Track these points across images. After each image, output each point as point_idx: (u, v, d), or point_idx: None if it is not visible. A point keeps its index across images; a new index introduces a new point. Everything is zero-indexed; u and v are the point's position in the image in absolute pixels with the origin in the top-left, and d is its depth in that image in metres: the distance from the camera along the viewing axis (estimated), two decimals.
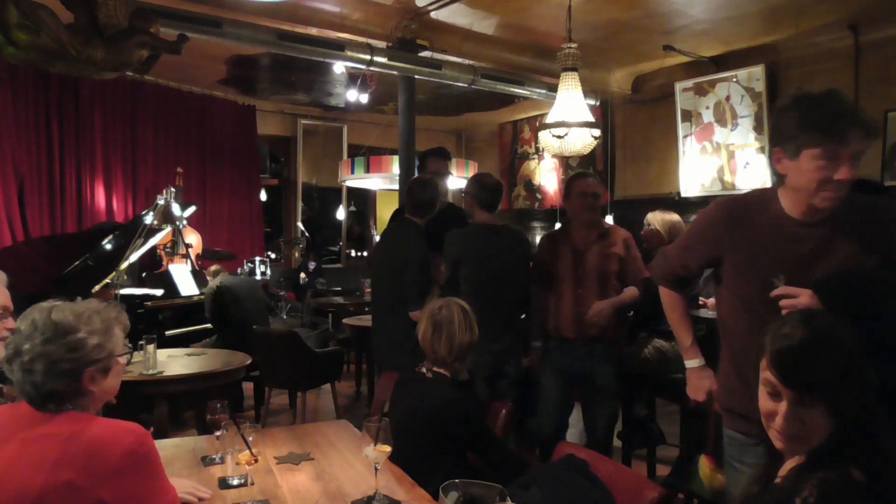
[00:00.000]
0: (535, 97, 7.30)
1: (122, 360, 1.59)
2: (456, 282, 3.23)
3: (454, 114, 9.09)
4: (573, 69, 4.87)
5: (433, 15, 5.49)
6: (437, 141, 9.97)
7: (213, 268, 5.46)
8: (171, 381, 3.32)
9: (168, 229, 5.65)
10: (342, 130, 9.45)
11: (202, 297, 5.50)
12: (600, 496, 1.76)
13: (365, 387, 5.65)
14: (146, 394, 3.31)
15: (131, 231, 5.13)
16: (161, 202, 5.36)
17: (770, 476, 1.23)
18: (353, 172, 7.69)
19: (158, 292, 5.23)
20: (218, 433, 1.96)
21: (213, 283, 5.14)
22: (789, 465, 1.19)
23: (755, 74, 6.23)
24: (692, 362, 2.18)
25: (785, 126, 1.70)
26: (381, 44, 5.73)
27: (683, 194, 7.01)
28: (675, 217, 3.89)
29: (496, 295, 3.19)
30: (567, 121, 4.79)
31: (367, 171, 7.47)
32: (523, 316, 3.49)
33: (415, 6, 5.37)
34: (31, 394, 1.43)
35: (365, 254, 9.93)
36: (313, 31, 5.49)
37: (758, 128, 6.28)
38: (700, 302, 3.65)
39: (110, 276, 4.74)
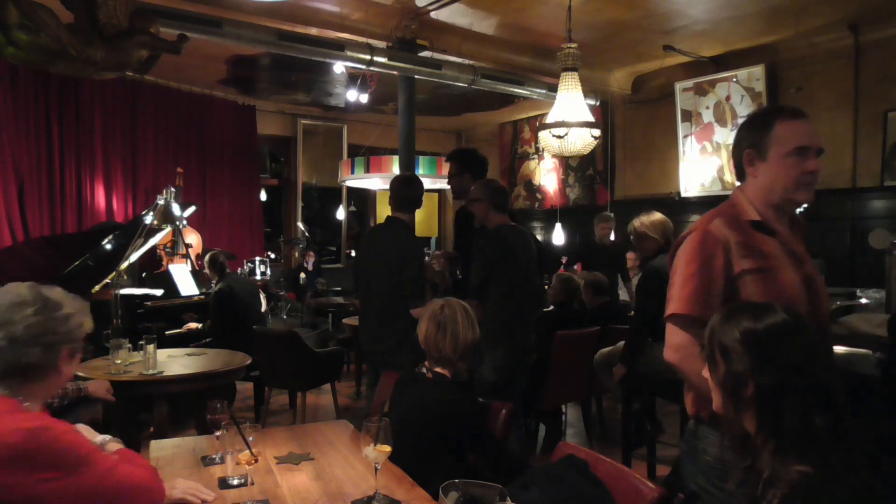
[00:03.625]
0: (535, 97, 7.30)
1: (79, 354, 1.61)
2: (486, 283, 3.22)
3: (454, 114, 9.09)
4: (573, 69, 4.87)
5: (433, 15, 5.50)
6: (437, 141, 9.98)
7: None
8: (171, 381, 3.31)
9: (168, 229, 5.64)
10: (342, 130, 9.45)
11: (202, 297, 5.49)
12: (600, 496, 1.75)
13: (365, 387, 5.65)
14: (146, 394, 3.31)
15: (131, 231, 5.12)
16: (161, 202, 5.35)
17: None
18: (353, 172, 7.70)
19: (158, 292, 5.23)
20: (218, 433, 1.96)
21: (219, 283, 5.08)
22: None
23: (755, 74, 6.23)
24: None
25: None
26: (381, 44, 5.73)
27: (683, 194, 7.01)
28: (657, 216, 3.66)
29: (528, 293, 3.30)
30: (567, 121, 4.79)
31: (367, 171, 7.47)
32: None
33: (415, 6, 5.37)
34: (8, 362, 1.42)
35: None
36: (313, 31, 5.49)
37: None
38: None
39: (110, 276, 4.73)
